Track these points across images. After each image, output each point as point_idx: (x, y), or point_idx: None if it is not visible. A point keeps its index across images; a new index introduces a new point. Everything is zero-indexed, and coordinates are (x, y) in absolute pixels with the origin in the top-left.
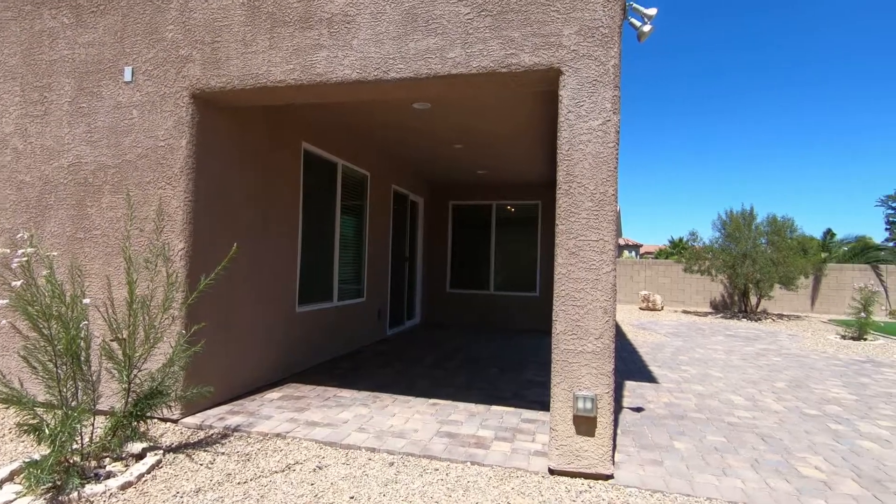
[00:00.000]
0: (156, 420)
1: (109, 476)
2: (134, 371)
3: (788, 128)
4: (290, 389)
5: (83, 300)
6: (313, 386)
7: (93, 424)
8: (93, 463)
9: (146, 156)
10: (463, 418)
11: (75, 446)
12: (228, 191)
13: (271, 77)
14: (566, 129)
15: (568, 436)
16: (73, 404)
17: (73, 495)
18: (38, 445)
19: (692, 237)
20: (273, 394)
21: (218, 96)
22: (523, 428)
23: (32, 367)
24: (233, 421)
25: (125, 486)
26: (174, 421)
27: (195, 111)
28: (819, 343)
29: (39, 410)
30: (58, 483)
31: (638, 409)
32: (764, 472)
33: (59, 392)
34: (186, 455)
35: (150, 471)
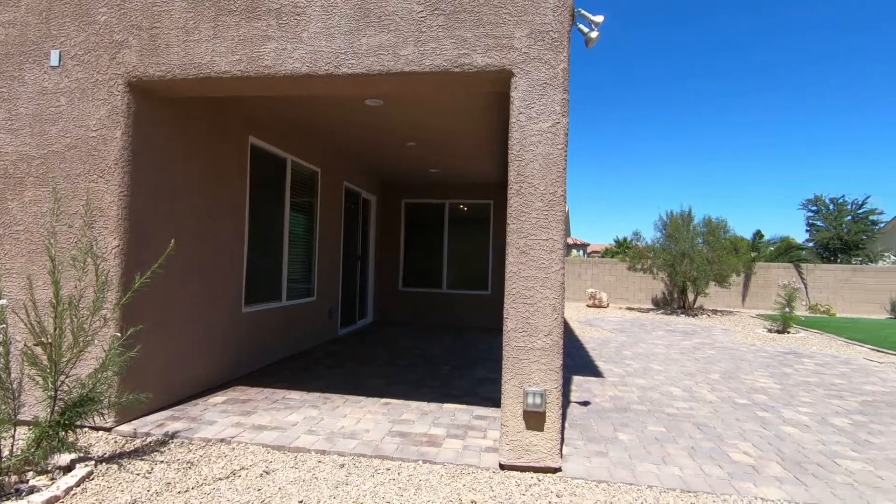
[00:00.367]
0: (87, 429)
1: (33, 491)
2: (61, 377)
3: (725, 133)
4: (236, 392)
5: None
6: (261, 388)
7: (13, 436)
8: (13, 478)
9: (76, 146)
10: (415, 417)
11: None
12: (169, 185)
13: (216, 67)
14: (517, 131)
15: (518, 431)
16: None
17: None
18: None
19: (636, 237)
20: (217, 398)
21: (157, 86)
22: (475, 425)
23: None
24: (173, 427)
25: (51, 501)
26: (107, 429)
27: (131, 100)
28: (749, 336)
29: None
30: None
31: (585, 403)
32: (699, 459)
33: None
34: (121, 465)
35: (80, 483)
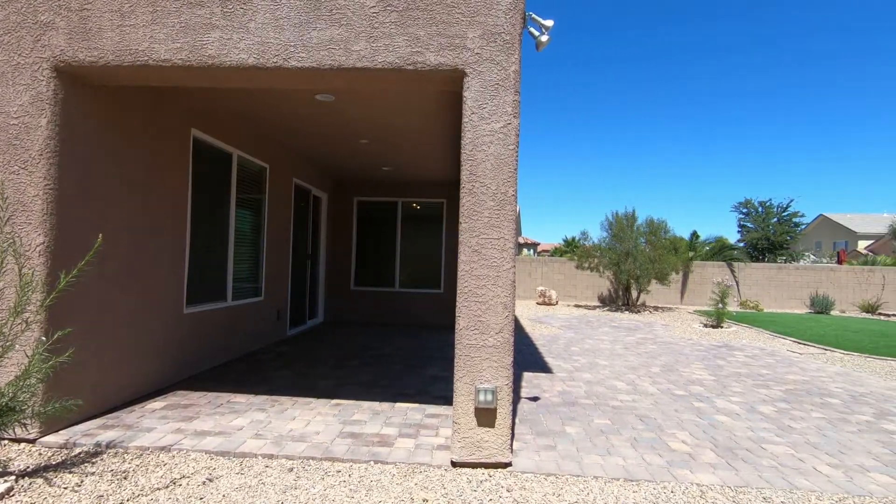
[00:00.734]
0: (6, 442)
1: None
2: None
3: (667, 137)
4: (177, 397)
5: None
6: (204, 392)
7: None
8: None
9: None
10: (367, 417)
11: None
12: (102, 179)
13: (155, 55)
14: (470, 130)
15: (470, 428)
16: None
17: None
18: None
19: (583, 237)
20: (156, 403)
21: (89, 72)
22: (427, 423)
23: None
24: (106, 436)
25: None
26: (31, 441)
27: (59, 87)
28: (686, 331)
29: None
30: None
31: (534, 399)
32: (641, 449)
33: None
34: (46, 479)
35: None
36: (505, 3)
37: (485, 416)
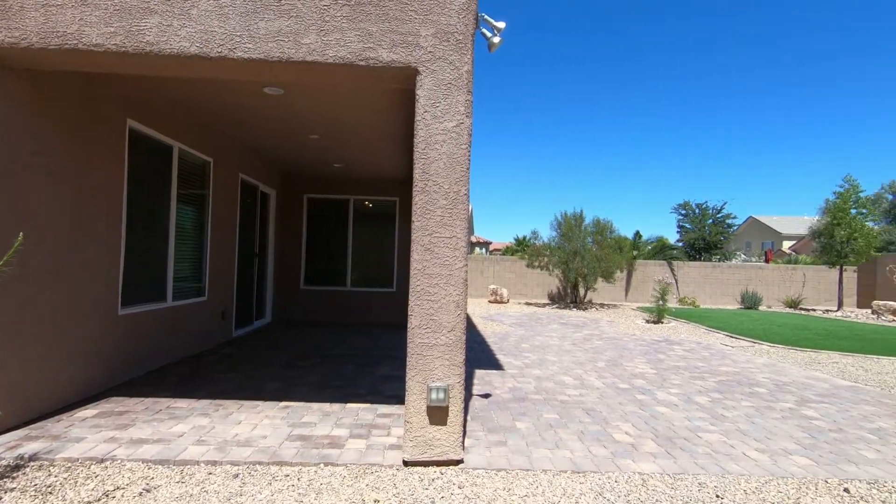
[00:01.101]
0: None
1: None
2: None
3: (612, 139)
4: (111, 404)
5: None
6: (141, 398)
7: None
8: None
9: None
10: (317, 419)
11: None
12: (25, 171)
13: (85, 39)
14: (423, 129)
15: (422, 426)
16: None
17: None
18: None
19: (534, 236)
20: (87, 411)
21: (10, 54)
22: (379, 423)
23: None
24: (30, 448)
25: None
26: None
27: None
28: (630, 327)
29: None
30: None
31: (486, 396)
32: (588, 442)
33: None
34: None
35: None
36: (458, 3)
37: (437, 415)
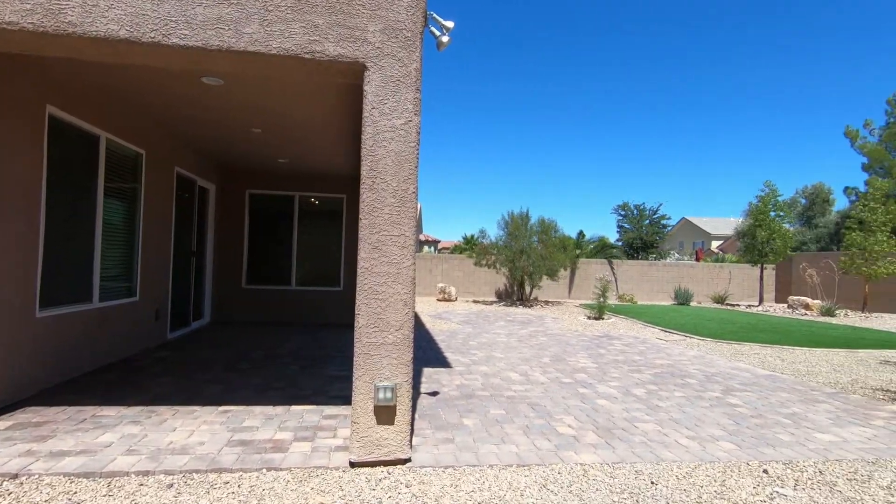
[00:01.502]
0: None
1: None
2: None
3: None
4: (28, 415)
5: None
6: (63, 407)
7: None
8: None
9: None
10: (259, 423)
11: None
12: None
13: None
14: (370, 126)
15: (369, 427)
16: None
17: None
18: None
19: (481, 235)
20: None
21: None
22: (324, 425)
23: None
24: None
25: None
26: None
27: None
28: (573, 324)
29: None
30: None
31: (434, 393)
32: (533, 436)
33: None
34: None
35: None
36: (406, 0)
37: (384, 414)
